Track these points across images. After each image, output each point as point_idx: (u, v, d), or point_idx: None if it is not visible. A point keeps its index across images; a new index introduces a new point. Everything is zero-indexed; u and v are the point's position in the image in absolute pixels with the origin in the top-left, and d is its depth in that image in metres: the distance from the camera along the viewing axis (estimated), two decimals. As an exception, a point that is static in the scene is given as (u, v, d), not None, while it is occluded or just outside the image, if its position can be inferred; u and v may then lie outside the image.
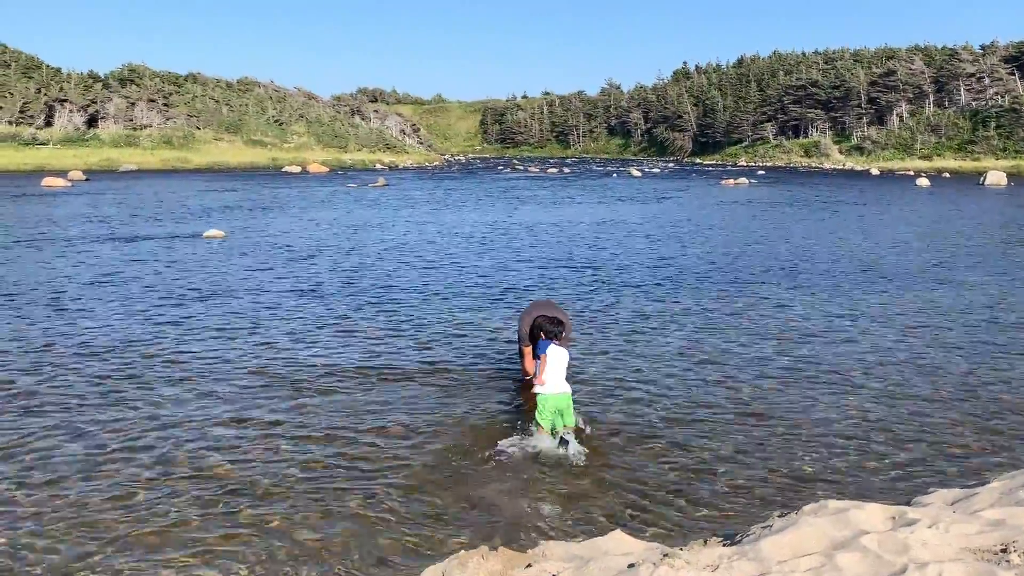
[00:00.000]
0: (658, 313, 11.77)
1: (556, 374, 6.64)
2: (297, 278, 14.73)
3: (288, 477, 5.78)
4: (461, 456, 6.20)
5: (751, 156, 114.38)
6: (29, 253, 17.60)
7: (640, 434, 6.74)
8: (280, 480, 5.72)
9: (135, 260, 16.78)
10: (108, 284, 13.79)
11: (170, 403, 7.41)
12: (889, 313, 11.88)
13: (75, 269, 15.41)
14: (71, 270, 15.26)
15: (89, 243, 19.57)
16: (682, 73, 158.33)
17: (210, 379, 8.17)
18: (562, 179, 62.62)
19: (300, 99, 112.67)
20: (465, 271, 15.82)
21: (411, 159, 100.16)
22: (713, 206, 35.13)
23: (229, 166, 72.64)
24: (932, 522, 4.25)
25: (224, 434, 6.63)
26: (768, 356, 9.31)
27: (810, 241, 21.55)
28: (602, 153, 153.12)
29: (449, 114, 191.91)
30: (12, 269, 15.26)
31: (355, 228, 24.33)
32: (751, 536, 4.50)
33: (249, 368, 8.60)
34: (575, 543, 4.47)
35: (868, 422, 7.08)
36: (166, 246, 19.29)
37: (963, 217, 30.03)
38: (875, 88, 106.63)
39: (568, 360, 6.79)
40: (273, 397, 7.62)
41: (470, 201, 37.17)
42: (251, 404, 7.41)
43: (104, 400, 7.47)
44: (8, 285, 13.48)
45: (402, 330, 10.50)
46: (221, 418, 7.00)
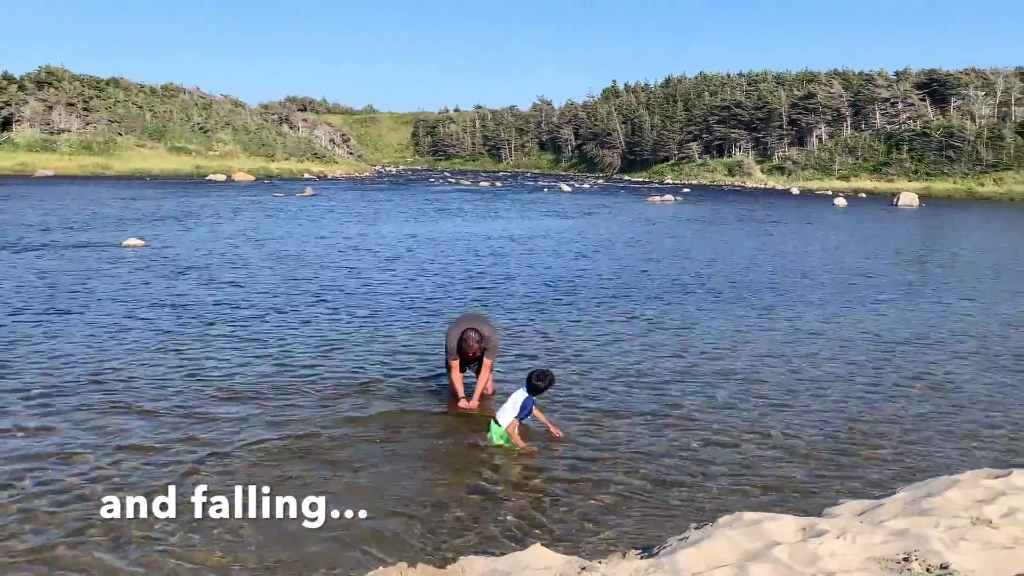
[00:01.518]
0: (580, 327, 11.89)
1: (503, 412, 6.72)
2: (217, 289, 14.39)
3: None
4: (379, 471, 6.14)
5: (677, 174, 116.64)
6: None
7: (562, 449, 6.79)
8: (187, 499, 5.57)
9: (47, 269, 16.16)
10: (10, 294, 13.24)
11: (64, 420, 7.14)
12: (800, 328, 12.25)
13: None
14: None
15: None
16: (611, 91, 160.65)
17: (122, 392, 7.91)
18: (493, 192, 62.79)
19: (226, 106, 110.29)
20: (385, 285, 15.71)
21: (340, 169, 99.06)
22: (638, 222, 35.71)
23: (152, 173, 70.65)
24: (840, 533, 4.39)
25: (122, 456, 6.43)
26: (684, 369, 9.49)
27: (729, 257, 22.09)
28: (533, 168, 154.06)
29: (380, 125, 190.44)
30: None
31: (278, 238, 23.93)
32: (668, 548, 4.57)
33: (158, 381, 8.35)
34: (495, 558, 4.47)
35: (783, 435, 7.28)
36: (82, 255, 18.63)
37: (876, 237, 31.22)
38: (796, 110, 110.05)
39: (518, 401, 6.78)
40: (180, 413, 7.41)
41: (398, 213, 36.96)
42: (159, 418, 7.19)
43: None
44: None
45: (317, 344, 10.35)
46: (123, 432, 6.78)
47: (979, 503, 4.89)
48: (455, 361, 7.83)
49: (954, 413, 8.11)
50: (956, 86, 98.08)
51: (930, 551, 3.99)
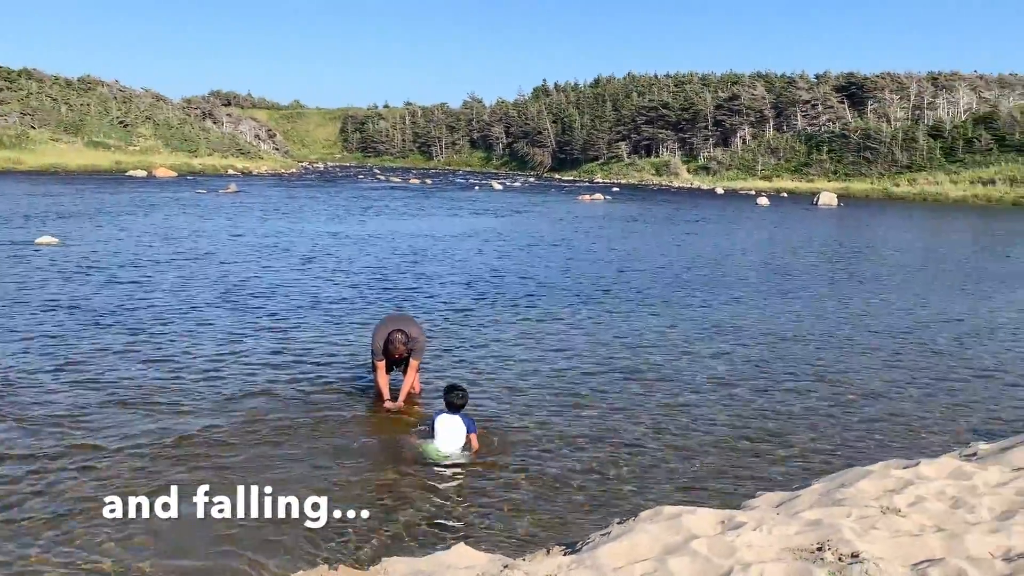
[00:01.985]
0: (497, 326, 11.92)
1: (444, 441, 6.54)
2: (133, 288, 13.94)
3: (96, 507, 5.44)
4: (300, 473, 6.03)
5: (607, 173, 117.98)
6: None
7: (488, 447, 6.78)
8: (83, 509, 5.37)
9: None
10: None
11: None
12: (712, 325, 12.51)
13: None
14: None
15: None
16: (542, 90, 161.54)
17: (25, 394, 7.59)
18: (424, 190, 62.47)
19: (147, 100, 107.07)
20: (298, 284, 15.47)
21: (266, 165, 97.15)
22: (567, 221, 35.98)
23: (68, 169, 68.05)
24: (757, 524, 4.49)
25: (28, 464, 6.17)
26: (601, 367, 9.58)
27: (651, 256, 22.44)
28: (465, 166, 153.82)
29: (307, 120, 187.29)
30: None
31: (197, 236, 23.32)
32: (590, 544, 4.60)
33: (66, 384, 8.04)
34: (418, 558, 4.43)
35: (702, 430, 7.42)
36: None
37: (794, 236, 32.14)
38: (721, 111, 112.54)
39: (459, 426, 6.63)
40: (92, 416, 7.15)
41: (323, 210, 36.40)
42: (69, 421, 6.93)
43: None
44: None
45: (222, 345, 10.12)
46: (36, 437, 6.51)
47: (889, 493, 5.06)
48: (381, 362, 7.75)
49: (867, 405, 8.39)
50: (873, 89, 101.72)
51: (842, 540, 4.10)
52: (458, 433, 6.58)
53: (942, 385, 9.33)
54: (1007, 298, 16.62)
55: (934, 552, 4.04)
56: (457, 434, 6.58)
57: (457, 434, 6.58)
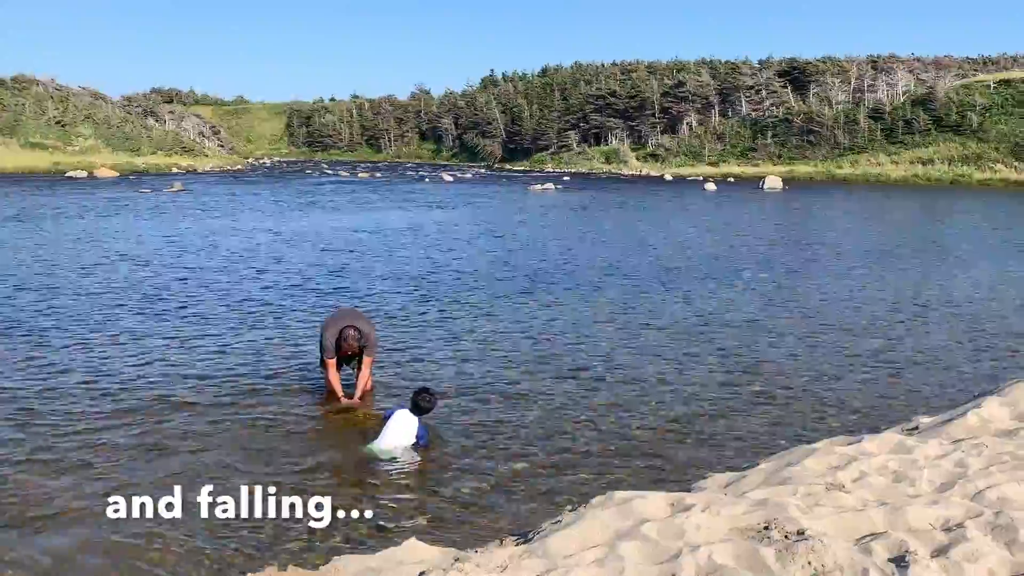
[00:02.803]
0: (447, 322, 11.88)
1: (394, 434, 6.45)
2: (68, 293, 13.59)
3: (54, 509, 5.30)
4: (247, 472, 5.94)
5: (557, 162, 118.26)
6: None
7: (450, 437, 6.77)
8: (47, 510, 5.24)
9: None
10: None
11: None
12: (654, 313, 12.64)
13: None
14: None
15: None
16: (490, 80, 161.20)
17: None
18: (373, 183, 61.90)
19: (86, 99, 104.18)
20: (270, 280, 15.26)
21: (211, 163, 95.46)
22: (517, 212, 36.01)
23: (3, 171, 66.05)
24: (705, 506, 4.53)
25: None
26: (544, 357, 9.62)
27: (599, 244, 22.58)
28: (414, 158, 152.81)
29: (252, 116, 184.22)
30: None
31: (144, 238, 22.81)
32: (542, 533, 4.60)
33: (22, 395, 7.82)
34: (369, 555, 4.39)
35: (649, 415, 7.48)
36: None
37: (740, 220, 32.60)
38: (667, 98, 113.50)
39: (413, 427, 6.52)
40: (41, 425, 6.96)
41: (271, 206, 35.89)
42: (32, 432, 6.73)
43: None
44: None
45: (191, 343, 9.95)
46: None
47: (833, 469, 5.16)
48: (332, 360, 7.65)
49: (809, 384, 8.54)
50: (814, 73, 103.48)
51: (788, 518, 4.16)
52: (408, 433, 6.48)
53: (885, 366, 9.54)
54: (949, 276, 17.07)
55: (877, 526, 4.12)
56: (407, 434, 6.47)
57: (407, 434, 6.47)
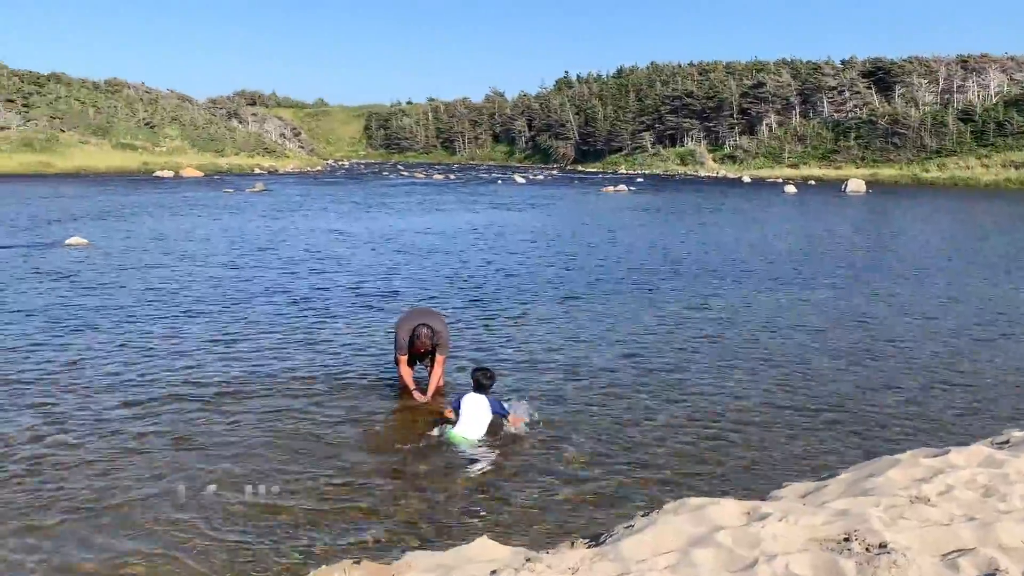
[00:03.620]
0: (532, 316, 11.89)
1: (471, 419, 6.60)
2: (164, 288, 14.09)
3: (141, 494, 5.50)
4: (324, 467, 6.05)
5: (631, 164, 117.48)
6: None
7: (520, 437, 6.76)
8: (133, 494, 5.43)
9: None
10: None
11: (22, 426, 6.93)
12: (738, 315, 12.39)
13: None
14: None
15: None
16: (564, 82, 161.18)
17: (66, 394, 7.69)
18: (449, 185, 62.59)
19: (173, 101, 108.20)
20: (340, 279, 15.54)
21: (292, 164, 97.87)
22: (588, 213, 35.87)
23: (97, 171, 69.03)
24: (783, 515, 4.42)
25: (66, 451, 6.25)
26: (622, 360, 9.51)
27: (679, 246, 22.28)
28: (488, 160, 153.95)
29: (332, 118, 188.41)
30: None
31: (229, 235, 23.52)
32: (614, 537, 4.57)
33: (99, 384, 8.14)
34: (440, 552, 4.42)
35: (729, 421, 7.34)
36: (22, 255, 18.10)
37: (822, 222, 31.76)
38: (746, 99, 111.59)
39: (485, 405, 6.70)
40: (145, 414, 7.23)
41: (347, 207, 36.62)
42: (121, 420, 7.01)
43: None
44: None
45: (274, 341, 10.19)
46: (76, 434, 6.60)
47: (918, 482, 4.97)
48: (404, 356, 7.74)
49: (894, 394, 8.25)
50: (900, 74, 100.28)
51: (870, 530, 4.03)
52: (483, 414, 6.63)
53: (971, 375, 9.16)
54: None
55: (965, 542, 3.95)
56: (482, 415, 6.63)
57: (482, 415, 6.63)
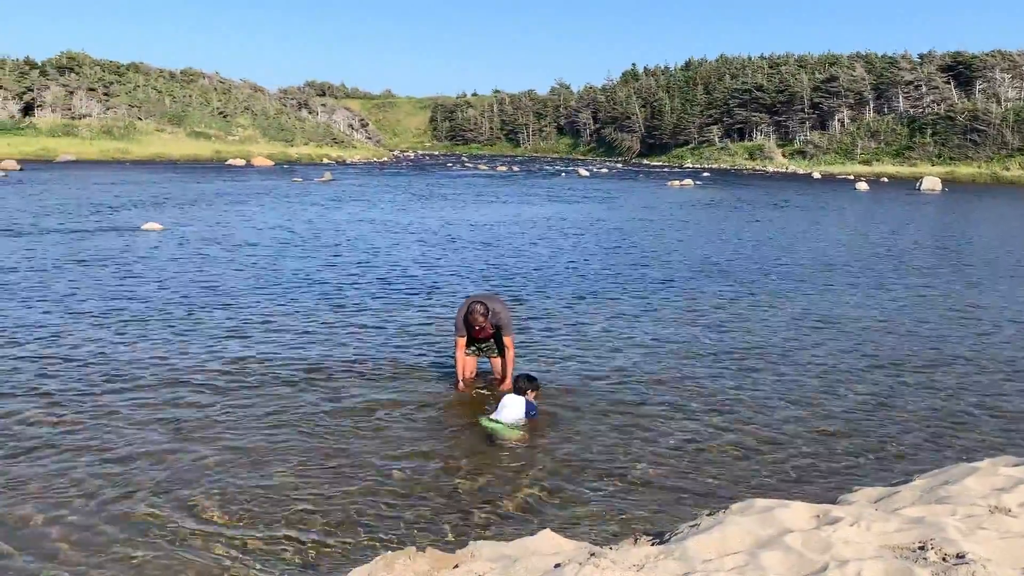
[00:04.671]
0: (610, 311, 11.83)
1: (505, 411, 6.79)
2: (234, 272, 14.44)
3: (217, 473, 5.65)
4: (387, 456, 6.12)
5: (697, 158, 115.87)
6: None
7: (582, 431, 6.75)
8: (212, 477, 5.59)
9: (66, 253, 16.27)
10: (32, 279, 13.35)
11: (106, 403, 7.19)
12: (812, 314, 12.11)
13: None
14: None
15: (15, 236, 18.93)
16: (631, 74, 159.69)
17: (147, 377, 7.95)
18: (511, 177, 62.69)
19: (246, 91, 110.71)
20: (402, 267, 15.70)
21: (359, 154, 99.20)
22: (651, 207, 35.50)
23: (171, 158, 71.08)
24: (855, 520, 4.32)
25: (154, 436, 6.46)
26: (692, 356, 9.39)
27: (745, 242, 21.90)
28: (552, 152, 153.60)
29: (398, 110, 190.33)
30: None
31: (296, 222, 23.98)
32: (679, 535, 4.52)
33: (180, 367, 8.38)
34: (505, 543, 4.43)
35: (799, 421, 7.20)
36: (100, 239, 18.76)
37: (894, 220, 30.84)
38: (818, 93, 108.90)
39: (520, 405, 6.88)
40: (213, 398, 7.43)
41: (416, 197, 36.99)
42: (185, 403, 7.23)
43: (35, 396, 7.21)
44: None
45: (334, 324, 10.37)
46: (161, 417, 6.82)
47: (998, 491, 4.80)
48: (462, 338, 7.80)
49: (976, 400, 7.98)
50: (981, 68, 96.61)
51: (946, 539, 3.91)
52: (517, 409, 6.82)
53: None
54: None
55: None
56: (516, 409, 6.81)
57: (516, 409, 6.81)
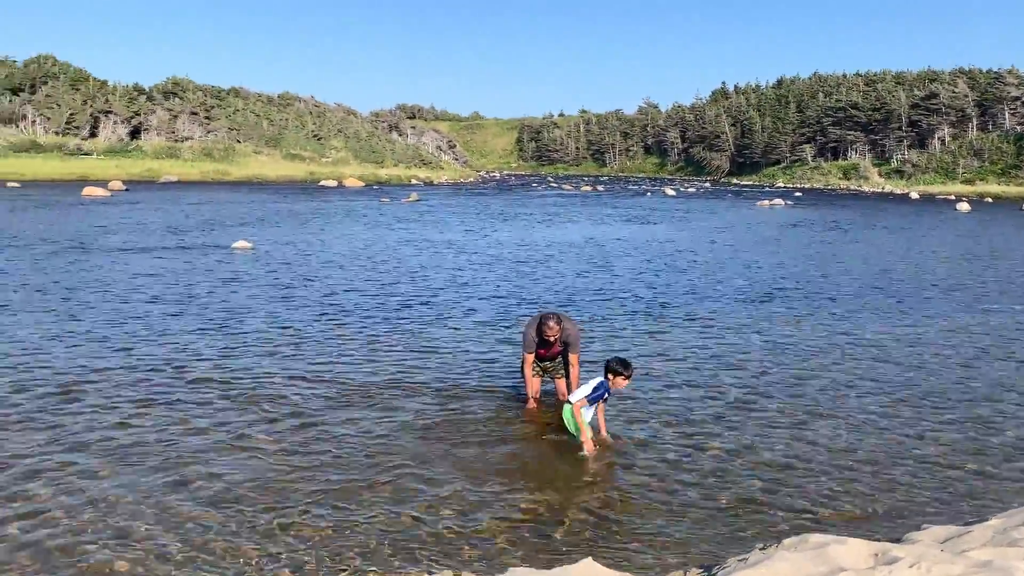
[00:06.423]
0: (662, 332, 11.61)
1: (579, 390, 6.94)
2: (316, 292, 14.79)
3: (273, 492, 5.74)
4: (433, 474, 6.12)
5: (789, 178, 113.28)
6: (48, 262, 17.92)
7: (623, 460, 6.61)
8: (275, 493, 5.69)
9: (156, 269, 16.99)
10: (119, 293, 13.97)
11: (188, 412, 7.43)
12: (916, 337, 11.58)
13: (96, 277, 15.65)
14: (82, 278, 15.50)
15: (112, 252, 19.87)
16: (720, 93, 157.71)
17: (219, 394, 8.19)
18: (595, 197, 62.52)
19: (339, 114, 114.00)
20: (481, 288, 15.78)
21: (446, 175, 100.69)
22: (743, 227, 34.76)
23: (267, 179, 73.60)
24: (915, 561, 4.07)
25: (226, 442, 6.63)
26: (752, 381, 9.08)
27: (838, 264, 21.18)
28: (638, 172, 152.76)
29: (485, 131, 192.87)
30: (31, 277, 15.56)
31: (379, 242, 24.44)
32: (726, 569, 4.35)
33: (253, 383, 8.60)
34: (544, 571, 4.35)
35: (866, 453, 6.86)
36: (191, 257, 19.52)
37: (1001, 244, 29.34)
38: (917, 111, 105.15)
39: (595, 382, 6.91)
40: (293, 412, 7.59)
41: (498, 217, 37.25)
42: (254, 419, 7.40)
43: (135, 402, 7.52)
44: (30, 291, 13.75)
45: (410, 345, 10.47)
46: (235, 432, 7.00)
47: (1080, 535, 4.46)
48: (530, 355, 7.78)
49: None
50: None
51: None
52: (585, 387, 6.87)
53: None
54: None
55: None
56: (585, 387, 6.87)
57: (585, 387, 6.87)
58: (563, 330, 7.68)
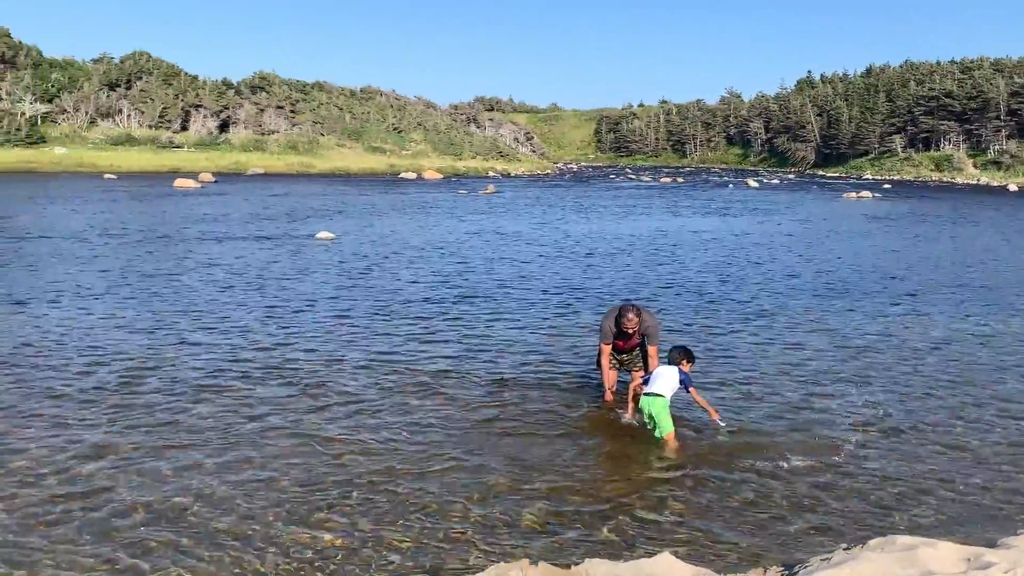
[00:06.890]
0: (757, 329, 11.39)
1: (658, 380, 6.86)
2: (383, 282, 15.02)
3: (347, 477, 5.86)
4: (512, 465, 6.14)
5: (877, 169, 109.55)
6: (136, 249, 18.66)
7: (716, 453, 6.50)
8: (348, 474, 5.80)
9: (243, 258, 17.53)
10: (195, 280, 14.46)
11: (265, 399, 7.66)
12: (1013, 335, 11.07)
13: (177, 265, 16.26)
14: (170, 265, 16.11)
15: (201, 242, 20.58)
16: (806, 82, 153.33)
17: (310, 377, 8.41)
18: (675, 188, 61.68)
19: (419, 107, 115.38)
20: (545, 281, 15.74)
21: (523, 167, 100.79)
22: (829, 220, 33.79)
23: (349, 171, 75.00)
24: (1010, 567, 3.91)
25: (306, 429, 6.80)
26: (842, 375, 8.81)
27: (931, 260, 20.41)
28: (720, 163, 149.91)
29: (563, 123, 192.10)
30: (121, 265, 16.23)
31: (452, 234, 24.63)
32: (809, 568, 4.25)
33: (332, 369, 8.79)
34: (621, 562, 4.33)
35: (963, 455, 6.58)
36: (276, 246, 20.07)
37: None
38: (1016, 99, 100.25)
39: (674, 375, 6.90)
40: (369, 399, 7.75)
41: (573, 209, 37.11)
42: (310, 405, 7.57)
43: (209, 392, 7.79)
44: (116, 277, 14.37)
45: (470, 336, 10.54)
46: (324, 414, 7.19)
47: None
48: (607, 346, 7.74)
49: None
50: None
51: (1119, 598, 3.45)
52: (670, 379, 6.83)
53: None
54: None
55: None
56: (669, 380, 6.82)
57: (669, 380, 6.82)
58: (642, 322, 7.62)
